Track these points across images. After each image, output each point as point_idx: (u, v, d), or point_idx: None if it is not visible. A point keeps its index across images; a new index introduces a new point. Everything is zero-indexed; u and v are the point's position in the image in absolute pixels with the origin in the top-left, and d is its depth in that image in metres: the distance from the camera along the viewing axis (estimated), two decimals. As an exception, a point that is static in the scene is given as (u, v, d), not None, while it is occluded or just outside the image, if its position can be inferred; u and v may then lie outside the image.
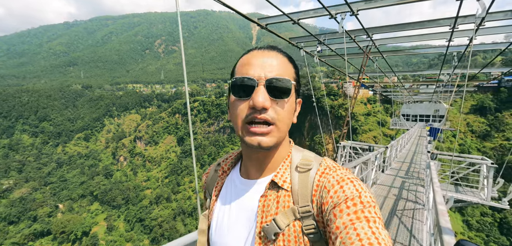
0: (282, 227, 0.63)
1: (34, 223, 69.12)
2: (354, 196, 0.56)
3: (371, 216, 0.53)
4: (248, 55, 0.69)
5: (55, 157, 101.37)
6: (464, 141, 49.01)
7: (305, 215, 0.63)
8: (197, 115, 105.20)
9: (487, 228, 37.79)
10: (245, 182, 0.75)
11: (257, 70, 0.64)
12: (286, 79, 0.64)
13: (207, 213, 0.80)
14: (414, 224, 4.57)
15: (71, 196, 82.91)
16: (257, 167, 0.73)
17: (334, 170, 0.66)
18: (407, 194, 6.52)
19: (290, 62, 0.70)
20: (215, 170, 0.86)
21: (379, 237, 0.48)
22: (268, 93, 0.63)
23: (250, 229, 0.69)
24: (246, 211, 0.71)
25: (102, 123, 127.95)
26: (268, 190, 0.69)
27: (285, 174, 0.70)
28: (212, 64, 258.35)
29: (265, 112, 0.62)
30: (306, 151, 0.75)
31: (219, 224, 0.75)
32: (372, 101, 60.58)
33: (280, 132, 0.66)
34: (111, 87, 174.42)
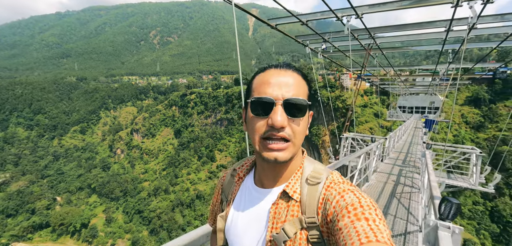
0: (290, 235, 0.68)
1: (32, 216, 69.25)
2: (354, 202, 0.61)
3: (371, 216, 0.57)
4: (266, 73, 0.72)
5: (51, 150, 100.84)
6: (458, 132, 49.94)
7: (311, 225, 0.68)
8: (194, 108, 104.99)
9: (478, 216, 38.98)
10: (259, 190, 0.80)
11: (275, 89, 0.67)
12: (302, 99, 0.68)
13: (224, 215, 0.85)
14: (410, 204, 5.26)
15: (69, 189, 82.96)
16: (271, 177, 0.78)
17: (338, 184, 0.70)
18: (404, 180, 7.12)
19: (304, 79, 0.74)
20: (231, 175, 0.91)
21: (377, 232, 0.52)
22: (285, 112, 0.67)
23: (261, 234, 0.74)
24: (258, 216, 0.76)
25: (98, 115, 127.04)
26: (280, 199, 0.74)
27: (296, 184, 0.74)
28: (209, 55, 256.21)
29: (282, 131, 0.66)
30: (317, 163, 0.80)
31: (233, 226, 0.80)
32: (369, 93, 61.09)
33: (295, 147, 0.70)
34: (106, 80, 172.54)
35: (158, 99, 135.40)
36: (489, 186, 9.08)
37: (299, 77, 0.72)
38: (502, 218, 37.31)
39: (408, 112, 25.78)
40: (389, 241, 0.51)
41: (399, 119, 26.39)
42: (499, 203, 38.71)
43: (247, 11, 3.81)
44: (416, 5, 4.44)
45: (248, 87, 0.76)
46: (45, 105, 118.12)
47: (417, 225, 4.41)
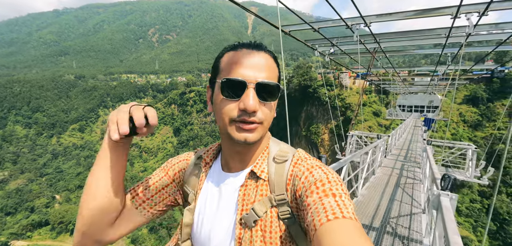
0: (260, 214, 0.68)
1: (31, 214, 69.28)
2: (322, 177, 0.62)
3: (337, 192, 0.58)
4: (237, 53, 0.69)
5: (50, 148, 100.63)
6: (457, 130, 50.38)
7: (280, 202, 0.69)
8: (193, 106, 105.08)
9: (475, 213, 39.47)
10: (226, 175, 0.78)
11: (247, 70, 0.65)
12: (275, 83, 0.67)
13: (192, 208, 0.80)
14: (413, 192, 5.97)
15: (68, 187, 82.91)
16: (238, 160, 0.77)
17: (305, 160, 0.72)
18: (407, 173, 7.82)
19: (275, 61, 0.73)
20: (195, 164, 0.85)
21: (343, 207, 0.53)
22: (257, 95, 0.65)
23: (231, 218, 0.73)
24: (227, 201, 0.75)
25: (96, 113, 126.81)
26: (248, 179, 0.74)
27: (263, 164, 0.74)
28: (208, 54, 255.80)
29: (254, 115, 0.65)
30: (283, 144, 0.81)
31: (202, 217, 0.77)
32: (368, 92, 61.39)
33: (265, 129, 0.70)
34: (105, 78, 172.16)
35: (157, 98, 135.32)
36: (484, 178, 9.92)
37: (271, 59, 0.71)
38: (499, 216, 37.80)
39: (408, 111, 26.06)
40: (354, 216, 0.53)
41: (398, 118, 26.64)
42: (496, 200, 39.17)
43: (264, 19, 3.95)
44: (418, 16, 4.93)
45: (216, 64, 0.73)
46: (43, 103, 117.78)
47: (420, 208, 4.97)
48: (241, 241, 0.69)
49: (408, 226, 4.31)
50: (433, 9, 4.97)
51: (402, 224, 4.37)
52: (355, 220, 0.51)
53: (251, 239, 0.68)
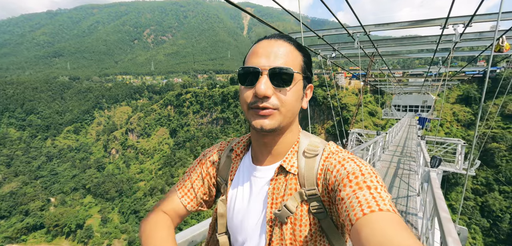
0: (292, 210, 0.68)
1: (26, 217, 68.42)
2: (355, 170, 0.61)
3: (372, 184, 0.57)
4: (257, 44, 0.71)
5: (44, 151, 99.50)
6: (450, 129, 51.28)
7: (311, 197, 0.69)
8: (189, 107, 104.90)
9: (469, 211, 40.19)
10: (256, 168, 0.78)
11: (262, 59, 0.67)
12: (287, 68, 0.66)
13: (224, 198, 0.82)
14: (409, 181, 6.95)
15: (63, 190, 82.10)
16: (266, 152, 0.77)
17: (336, 154, 0.71)
18: (403, 166, 8.76)
19: (298, 49, 0.72)
20: (227, 156, 0.87)
21: (379, 200, 0.52)
22: (271, 82, 0.65)
23: (261, 213, 0.74)
24: (258, 194, 0.76)
25: (91, 115, 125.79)
26: (277, 175, 0.74)
27: (293, 159, 0.74)
28: (203, 55, 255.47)
29: (267, 100, 0.65)
30: (313, 137, 0.80)
31: (234, 208, 0.79)
32: (364, 92, 62.07)
33: (283, 117, 0.68)
34: (100, 79, 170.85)
35: (153, 99, 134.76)
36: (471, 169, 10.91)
37: (291, 47, 0.71)
38: (492, 213, 38.58)
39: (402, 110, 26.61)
40: (391, 208, 0.51)
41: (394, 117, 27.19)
42: (489, 198, 39.99)
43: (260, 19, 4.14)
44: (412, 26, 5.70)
45: (244, 60, 0.75)
46: (37, 105, 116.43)
47: (415, 193, 5.89)
48: (271, 235, 0.71)
49: (405, 204, 5.20)
50: (425, 20, 5.60)
51: (400, 203, 5.26)
52: (393, 212, 0.50)
53: (281, 233, 0.69)
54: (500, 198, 39.52)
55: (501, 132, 46.05)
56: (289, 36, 0.74)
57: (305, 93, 0.76)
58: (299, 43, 0.74)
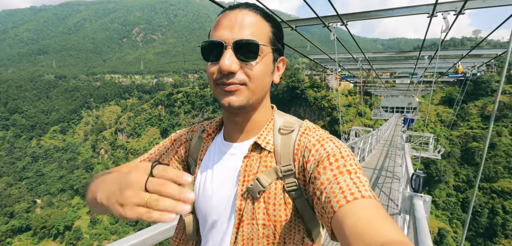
0: (265, 185, 0.65)
1: (11, 219, 66.48)
2: (335, 152, 0.60)
3: (352, 168, 0.56)
4: (221, 15, 0.65)
5: (29, 151, 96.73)
6: (434, 129, 53.61)
7: (287, 174, 0.66)
8: (180, 107, 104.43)
9: (451, 207, 42.37)
10: (228, 144, 0.75)
11: (225, 31, 0.62)
12: (253, 40, 0.61)
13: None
14: (394, 168, 8.56)
15: (50, 191, 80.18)
16: (238, 130, 0.73)
17: (313, 131, 0.69)
18: (391, 156, 11.00)
19: (266, 19, 0.66)
20: (199, 137, 0.82)
21: (360, 186, 0.52)
22: (235, 56, 0.61)
23: (232, 189, 0.70)
24: (229, 172, 0.72)
25: (79, 114, 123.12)
26: (251, 151, 0.70)
27: (268, 136, 0.71)
28: (194, 54, 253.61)
29: (232, 76, 0.61)
30: (288, 115, 0.77)
31: (202, 188, 0.74)
32: (353, 93, 63.94)
33: (252, 92, 0.65)
34: (87, 78, 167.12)
35: (143, 99, 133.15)
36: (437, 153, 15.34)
37: (258, 16, 0.64)
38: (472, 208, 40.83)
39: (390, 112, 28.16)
40: (372, 193, 0.51)
41: (382, 118, 28.75)
42: (469, 194, 42.26)
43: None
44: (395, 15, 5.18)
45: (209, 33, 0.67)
46: (21, 104, 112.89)
47: (397, 178, 7.18)
48: (241, 212, 0.67)
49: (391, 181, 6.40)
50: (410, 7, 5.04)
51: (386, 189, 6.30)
52: (374, 198, 0.50)
53: (253, 211, 0.66)
54: (479, 194, 41.87)
55: (481, 132, 48.68)
56: (256, 4, 0.68)
57: (277, 66, 0.71)
58: (268, 12, 0.69)
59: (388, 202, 5.45)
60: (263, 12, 0.67)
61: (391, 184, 6.66)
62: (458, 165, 47.30)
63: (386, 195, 5.90)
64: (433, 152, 15.51)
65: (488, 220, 38.79)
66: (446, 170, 45.13)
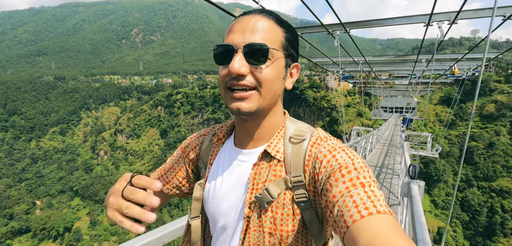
0: (274, 195, 0.63)
1: (10, 221, 66.42)
2: (348, 164, 0.58)
3: (366, 181, 0.54)
4: (234, 21, 0.66)
5: (29, 152, 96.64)
6: (433, 129, 53.86)
7: (296, 184, 0.64)
8: (180, 108, 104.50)
9: (450, 206, 42.53)
10: (238, 151, 0.74)
11: (236, 36, 0.62)
12: (262, 43, 0.61)
13: (202, 182, 0.78)
14: (394, 166, 8.89)
15: (49, 192, 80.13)
16: (249, 136, 0.73)
17: (325, 140, 0.67)
18: (390, 154, 11.40)
19: (279, 25, 0.66)
20: (210, 140, 0.83)
21: (375, 200, 0.49)
22: (246, 59, 0.61)
23: (241, 196, 0.70)
24: (239, 179, 0.71)
25: (78, 116, 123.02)
26: (261, 159, 0.69)
27: (278, 144, 0.69)
28: (193, 55, 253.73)
29: (243, 79, 0.61)
30: (300, 123, 0.75)
31: (212, 192, 0.74)
32: (352, 93, 64.18)
33: (263, 98, 0.64)
34: (86, 79, 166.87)
35: (142, 99, 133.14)
36: (434, 152, 15.83)
37: (270, 21, 0.64)
38: (470, 207, 41.05)
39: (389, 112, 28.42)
40: (387, 209, 0.49)
41: (381, 118, 28.97)
42: (468, 193, 42.50)
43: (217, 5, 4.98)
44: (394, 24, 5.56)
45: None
46: (21, 105, 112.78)
47: (397, 174, 7.57)
48: (249, 220, 0.67)
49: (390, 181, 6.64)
50: (408, 16, 5.37)
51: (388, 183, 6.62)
52: (390, 214, 0.48)
53: (260, 220, 0.65)
54: (478, 193, 42.12)
55: (479, 132, 48.96)
56: (270, 11, 0.68)
57: (291, 73, 0.71)
58: (281, 18, 0.68)
59: (389, 195, 6.09)
60: (276, 17, 0.67)
61: (392, 179, 7.21)
62: (457, 164, 47.54)
63: (387, 189, 6.51)
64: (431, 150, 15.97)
65: (487, 219, 39.00)
66: (445, 169, 45.37)
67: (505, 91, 52.40)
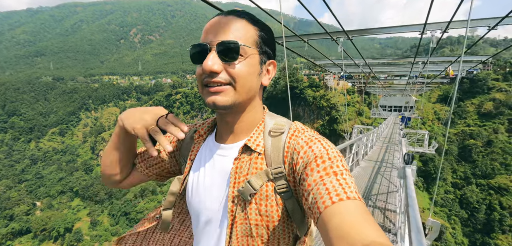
0: (256, 188, 0.66)
1: (11, 222, 66.45)
2: (322, 154, 0.60)
3: (338, 169, 0.57)
4: (209, 22, 0.69)
5: (28, 153, 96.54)
6: (432, 127, 54.18)
7: (277, 176, 0.66)
8: (179, 108, 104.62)
9: (449, 203, 42.90)
10: (219, 146, 0.76)
11: (210, 36, 0.65)
12: (233, 41, 0.63)
13: (182, 177, 0.79)
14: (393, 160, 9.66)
15: (50, 193, 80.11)
16: (229, 131, 0.75)
17: (302, 132, 0.70)
18: (390, 151, 12.13)
19: (252, 24, 0.69)
20: (191, 137, 0.84)
21: (346, 187, 0.52)
22: (219, 57, 0.63)
23: (224, 191, 0.72)
24: (220, 173, 0.73)
25: (78, 116, 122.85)
26: (242, 153, 0.70)
27: (258, 138, 0.72)
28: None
29: (216, 76, 0.63)
30: (279, 117, 0.78)
31: (195, 187, 0.76)
32: (351, 92, 64.40)
33: (238, 93, 0.66)
34: (85, 79, 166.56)
35: (141, 100, 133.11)
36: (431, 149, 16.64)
37: (243, 21, 0.67)
38: (469, 205, 41.38)
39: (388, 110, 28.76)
40: (357, 195, 0.52)
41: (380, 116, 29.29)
42: (467, 191, 42.84)
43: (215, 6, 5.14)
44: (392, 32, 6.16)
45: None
46: (20, 106, 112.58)
47: (396, 168, 8.11)
48: (234, 214, 0.68)
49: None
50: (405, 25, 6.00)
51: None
52: (359, 199, 0.51)
53: (245, 213, 0.67)
54: (477, 190, 42.46)
55: (478, 129, 49.30)
56: (244, 11, 0.71)
57: (267, 70, 0.73)
58: (255, 18, 0.71)
59: (389, 184, 6.75)
60: (249, 17, 0.69)
61: (391, 172, 7.89)
62: (456, 162, 47.89)
63: (387, 179, 7.12)
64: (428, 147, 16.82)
65: (486, 216, 39.34)
66: (444, 167, 45.68)
67: (503, 89, 52.76)
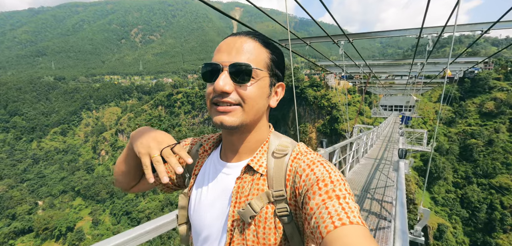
0: (256, 210, 0.65)
1: (13, 221, 66.79)
2: (325, 177, 0.59)
3: (341, 193, 0.56)
4: (222, 42, 0.69)
5: (30, 153, 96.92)
6: (433, 126, 54.13)
7: (278, 199, 0.66)
8: (181, 107, 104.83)
9: (450, 203, 42.91)
10: (223, 164, 0.76)
11: (223, 55, 0.66)
12: (246, 63, 0.64)
13: (187, 191, 0.81)
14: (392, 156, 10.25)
15: (51, 192, 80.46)
16: (233, 150, 0.75)
17: (305, 155, 0.69)
18: (389, 149, 12.48)
19: (264, 46, 0.70)
20: (196, 151, 0.85)
21: (348, 211, 0.51)
22: (231, 78, 0.64)
23: (225, 209, 0.72)
24: (222, 192, 0.73)
25: (79, 116, 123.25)
26: (244, 173, 0.71)
27: (261, 159, 0.72)
28: (193, 54, 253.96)
29: (227, 96, 0.64)
30: (284, 137, 0.77)
31: (197, 202, 0.77)
32: (352, 92, 64.42)
33: (246, 113, 0.67)
34: (87, 79, 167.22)
35: (143, 99, 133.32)
36: (429, 146, 16.74)
37: (256, 43, 0.68)
38: (470, 204, 41.40)
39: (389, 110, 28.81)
40: (360, 220, 0.51)
41: (381, 116, 29.37)
42: (468, 190, 42.84)
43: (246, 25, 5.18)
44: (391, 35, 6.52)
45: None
46: (21, 106, 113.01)
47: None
48: (232, 233, 0.68)
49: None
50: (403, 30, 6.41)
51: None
52: (362, 224, 0.50)
53: (243, 234, 0.67)
54: (478, 190, 42.46)
55: (479, 129, 49.26)
56: (258, 33, 0.72)
57: (275, 91, 0.74)
58: (267, 40, 0.72)
59: (387, 180, 7.03)
60: (262, 39, 0.70)
61: (389, 168, 8.24)
62: (457, 162, 47.88)
63: (385, 175, 7.50)
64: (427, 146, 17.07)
65: (487, 215, 39.34)
66: (445, 167, 45.68)
67: (504, 88, 52.68)
